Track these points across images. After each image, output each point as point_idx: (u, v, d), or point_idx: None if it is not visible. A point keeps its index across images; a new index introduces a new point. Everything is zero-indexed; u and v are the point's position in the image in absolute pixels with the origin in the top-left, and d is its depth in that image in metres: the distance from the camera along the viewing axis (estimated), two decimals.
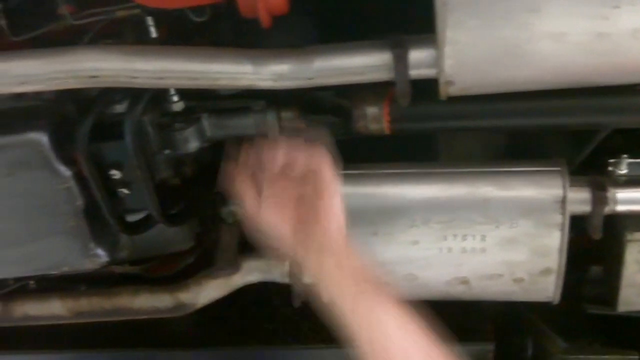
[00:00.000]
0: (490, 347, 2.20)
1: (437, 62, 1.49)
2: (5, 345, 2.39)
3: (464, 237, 1.77)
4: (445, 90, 1.53)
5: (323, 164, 1.37)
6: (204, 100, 1.77)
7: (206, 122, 1.79)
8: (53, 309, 2.12)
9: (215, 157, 1.87)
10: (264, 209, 1.37)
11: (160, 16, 1.67)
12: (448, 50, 1.46)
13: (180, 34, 1.70)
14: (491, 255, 1.78)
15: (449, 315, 1.88)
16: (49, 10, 1.65)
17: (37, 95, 1.67)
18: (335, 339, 1.29)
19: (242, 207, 1.41)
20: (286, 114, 1.76)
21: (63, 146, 1.67)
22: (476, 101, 1.63)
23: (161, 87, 1.63)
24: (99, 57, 1.54)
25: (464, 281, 1.82)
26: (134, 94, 1.67)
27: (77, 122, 1.67)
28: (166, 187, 1.86)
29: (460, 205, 1.75)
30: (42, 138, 1.64)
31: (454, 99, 1.55)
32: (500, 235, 1.76)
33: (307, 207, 1.35)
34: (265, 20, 1.50)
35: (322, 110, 1.76)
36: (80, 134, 1.65)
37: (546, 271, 1.78)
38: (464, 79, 1.51)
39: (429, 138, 2.05)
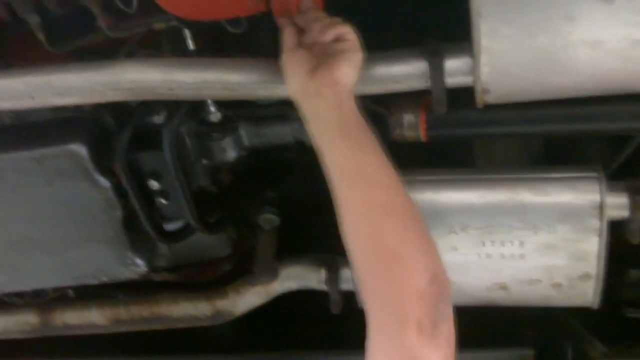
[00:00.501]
0: (530, 352, 2.21)
1: (473, 70, 1.53)
2: (42, 352, 2.42)
3: (503, 243, 1.79)
4: (482, 98, 1.57)
5: (349, 32, 1.47)
6: (241, 109, 1.81)
7: (243, 131, 1.83)
8: (92, 318, 2.16)
9: (252, 164, 1.91)
10: (292, 53, 1.48)
11: (197, 28, 1.71)
12: (484, 58, 1.50)
13: (218, 45, 1.74)
14: (530, 260, 1.79)
15: (489, 320, 1.93)
16: (87, 23, 1.69)
17: (76, 106, 1.71)
18: None
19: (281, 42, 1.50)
20: None
21: (102, 157, 1.72)
22: (512, 107, 1.65)
23: (199, 98, 1.68)
24: (137, 70, 1.58)
25: (503, 287, 1.83)
26: (172, 105, 1.71)
27: (115, 133, 1.73)
28: (204, 195, 1.89)
29: (499, 211, 1.76)
30: (81, 149, 1.70)
31: (491, 105, 1.59)
32: (539, 240, 1.77)
33: (325, 61, 1.43)
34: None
35: None
36: (118, 145, 1.70)
37: (585, 276, 1.79)
38: (500, 87, 1.54)
39: (466, 143, 2.08)
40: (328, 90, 1.40)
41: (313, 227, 2.11)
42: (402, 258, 1.29)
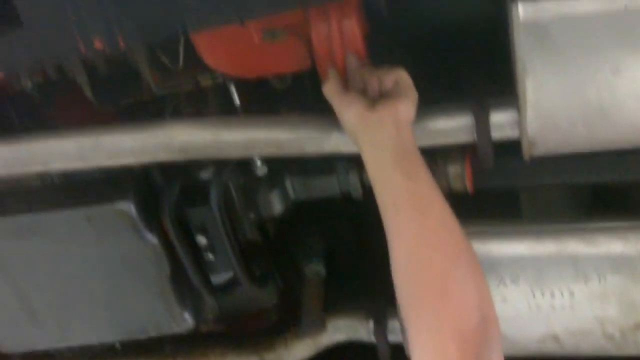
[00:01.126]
0: None
1: (519, 124, 1.56)
2: None
3: (553, 294, 1.79)
4: (529, 152, 1.59)
5: (404, 74, 1.51)
6: (287, 162, 1.83)
7: (290, 184, 1.86)
8: None
9: (298, 214, 1.95)
10: (345, 93, 1.52)
11: (243, 83, 1.76)
12: (530, 113, 1.52)
13: (263, 99, 1.79)
14: (581, 311, 1.78)
15: None
16: (134, 80, 1.76)
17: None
18: None
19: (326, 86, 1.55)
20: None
21: (150, 214, 1.75)
22: (560, 157, 1.66)
23: (248, 156, 1.72)
24: (187, 131, 1.62)
25: (555, 338, 1.83)
26: (219, 160, 1.74)
27: (163, 189, 1.77)
28: (250, 247, 1.92)
29: (548, 262, 1.76)
30: (129, 207, 1.73)
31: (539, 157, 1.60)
32: (590, 291, 1.76)
33: (384, 98, 1.48)
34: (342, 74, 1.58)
35: None
36: (166, 203, 1.74)
37: (638, 326, 1.79)
38: (547, 140, 1.56)
39: (512, 193, 2.08)
40: (389, 120, 1.43)
41: (360, 278, 2.13)
42: (449, 296, 1.29)
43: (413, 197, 1.36)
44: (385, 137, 1.42)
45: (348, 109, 1.49)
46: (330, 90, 1.53)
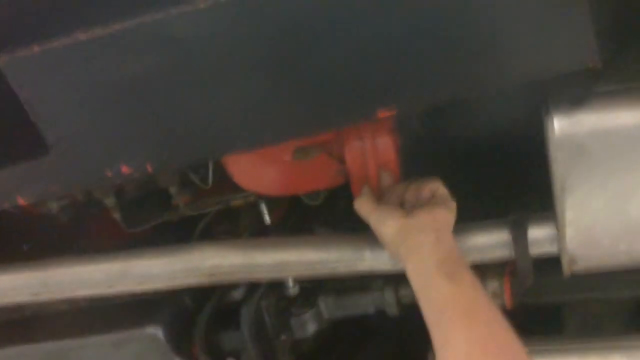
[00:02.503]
0: None
1: (559, 241, 1.56)
2: None
3: None
4: (569, 269, 1.58)
5: (440, 185, 1.54)
6: (320, 281, 1.85)
7: (323, 304, 1.86)
8: None
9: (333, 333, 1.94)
10: (381, 206, 1.54)
11: (275, 201, 1.78)
12: (570, 231, 1.52)
13: (295, 217, 1.82)
14: None
15: None
16: (163, 201, 1.78)
17: None
18: None
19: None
20: (405, 291, 1.82)
21: (180, 339, 1.76)
22: (603, 273, 1.65)
23: (279, 279, 1.73)
24: (217, 254, 1.64)
25: None
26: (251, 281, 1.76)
27: (194, 313, 1.78)
28: None
29: None
30: (158, 332, 1.74)
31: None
32: None
33: (422, 207, 1.50)
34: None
35: None
36: (198, 327, 1.75)
37: None
38: (588, 258, 1.56)
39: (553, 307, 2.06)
40: (429, 225, 1.45)
41: None
42: None
43: (459, 302, 1.35)
44: (426, 243, 1.43)
45: (385, 222, 1.50)
46: (364, 206, 1.55)
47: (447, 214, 1.49)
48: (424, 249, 1.44)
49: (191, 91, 1.34)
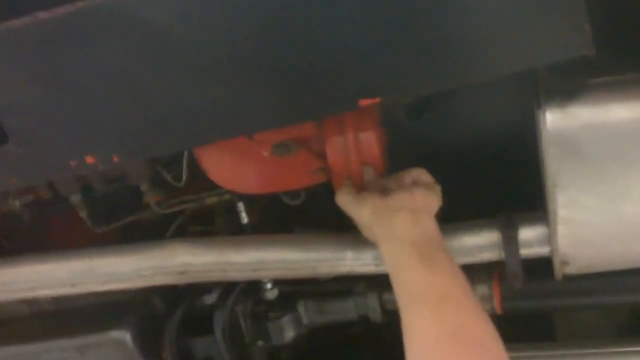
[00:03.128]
0: None
1: (550, 241, 1.51)
2: None
3: None
4: (561, 270, 1.54)
5: (423, 172, 1.50)
6: (300, 285, 1.80)
7: (303, 308, 1.82)
8: None
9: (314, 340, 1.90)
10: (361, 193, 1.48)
11: (252, 200, 1.73)
12: (562, 230, 1.48)
13: (274, 217, 1.77)
14: None
15: None
16: (134, 199, 1.72)
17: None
18: None
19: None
20: (389, 296, 1.77)
21: (149, 344, 1.71)
22: (596, 276, 1.60)
23: (255, 279, 1.67)
24: (187, 252, 1.58)
25: None
26: (225, 283, 1.72)
27: (164, 316, 1.72)
28: None
29: None
30: (126, 336, 1.69)
31: (572, 276, 1.56)
32: None
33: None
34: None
35: None
36: (168, 331, 1.70)
37: None
38: (581, 258, 1.52)
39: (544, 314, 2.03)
40: (407, 205, 1.40)
41: None
42: None
43: (432, 287, 1.30)
44: (401, 223, 1.39)
45: (362, 205, 1.45)
46: (344, 197, 1.49)
47: (428, 195, 1.44)
48: (399, 229, 1.39)
49: (159, 78, 1.28)
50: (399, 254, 1.37)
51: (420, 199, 1.42)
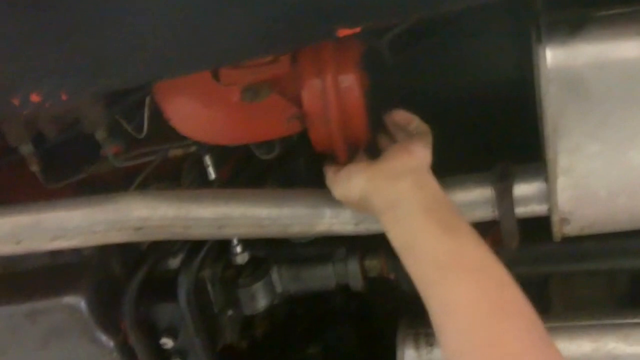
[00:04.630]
0: None
1: (549, 196, 1.43)
2: None
3: None
4: (560, 230, 1.46)
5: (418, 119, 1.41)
6: (273, 249, 1.73)
7: (276, 275, 1.74)
8: None
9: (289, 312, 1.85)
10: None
11: (222, 154, 1.64)
12: (562, 182, 1.39)
13: (246, 174, 1.68)
14: None
15: None
16: (91, 151, 1.63)
17: (76, 250, 1.61)
18: None
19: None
20: (371, 262, 1.71)
21: (106, 311, 1.62)
22: (596, 238, 1.53)
23: (221, 237, 1.57)
24: (144, 205, 1.47)
25: None
26: (191, 244, 1.63)
27: (122, 281, 1.63)
28: (231, 353, 1.80)
29: None
30: (79, 302, 1.59)
31: (571, 237, 1.48)
32: None
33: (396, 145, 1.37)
34: (342, 154, 1.45)
35: None
36: (126, 297, 1.60)
37: None
38: (583, 216, 1.44)
39: (539, 282, 1.98)
40: (406, 169, 1.30)
41: None
42: None
43: (465, 257, 1.19)
44: (405, 190, 1.27)
45: (351, 178, 1.35)
46: (331, 175, 1.42)
47: (425, 150, 1.34)
48: (405, 197, 1.27)
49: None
50: (412, 226, 1.24)
51: (420, 155, 1.32)
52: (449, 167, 1.49)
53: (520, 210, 1.47)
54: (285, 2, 1.17)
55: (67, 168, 1.65)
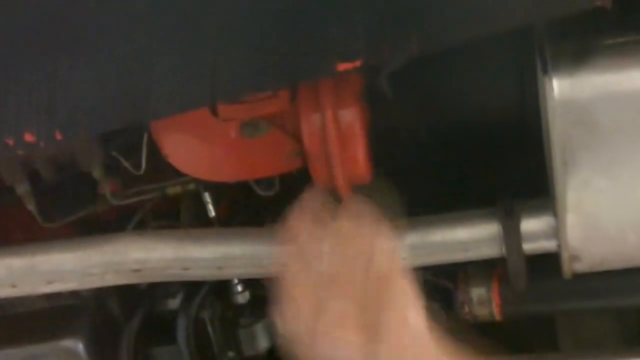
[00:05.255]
0: None
1: (558, 233, 1.38)
2: None
3: None
4: (570, 268, 1.41)
5: (391, 263, 1.13)
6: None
7: None
8: None
9: None
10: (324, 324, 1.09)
11: (221, 191, 1.63)
12: (572, 218, 1.34)
13: (246, 211, 1.67)
14: None
15: None
16: (89, 190, 1.61)
17: (74, 291, 1.60)
18: None
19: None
20: None
21: (104, 353, 1.61)
22: (604, 275, 1.48)
23: (222, 278, 1.56)
24: (141, 246, 1.45)
25: None
26: (189, 285, 1.62)
27: (121, 322, 1.63)
28: None
29: None
30: (77, 345, 1.57)
31: (580, 275, 1.44)
32: None
33: (372, 320, 1.09)
34: (344, 191, 1.41)
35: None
36: (125, 340, 1.60)
37: None
38: (594, 253, 1.39)
39: (546, 319, 1.93)
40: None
41: None
42: None
43: None
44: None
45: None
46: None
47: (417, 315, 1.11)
48: None
49: (105, 38, 1.18)
50: None
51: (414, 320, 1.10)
52: (450, 203, 1.49)
53: (528, 247, 1.43)
54: (283, 37, 1.15)
55: (64, 207, 1.62)
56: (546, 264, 1.46)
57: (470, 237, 1.44)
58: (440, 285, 1.64)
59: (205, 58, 1.17)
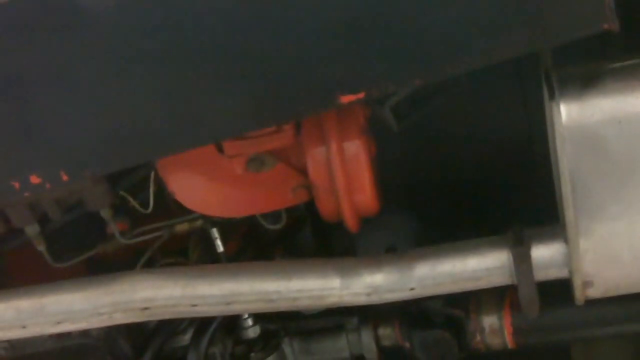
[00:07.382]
0: None
1: (570, 259, 1.32)
2: None
3: None
4: (583, 294, 1.35)
5: None
6: (285, 321, 1.66)
7: (289, 348, 1.69)
8: None
9: None
10: None
11: (228, 226, 1.58)
12: (584, 244, 1.28)
13: (253, 246, 1.63)
14: None
15: None
16: (97, 230, 1.58)
17: (84, 331, 1.54)
18: None
19: None
20: (384, 331, 1.63)
21: None
22: (618, 300, 1.41)
23: (230, 313, 1.50)
24: (149, 285, 1.41)
25: None
26: (199, 321, 1.57)
27: None
28: None
29: None
30: None
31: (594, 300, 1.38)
32: None
33: None
34: (352, 224, 1.39)
35: (429, 324, 1.60)
36: None
37: None
38: (606, 278, 1.34)
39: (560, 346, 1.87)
40: None
41: None
42: None
43: None
44: None
45: None
46: None
47: None
48: None
49: (108, 79, 1.15)
50: None
51: None
52: (457, 232, 1.43)
53: (539, 275, 1.37)
54: (285, 72, 1.12)
55: (74, 247, 1.59)
56: (558, 290, 1.40)
57: (480, 266, 1.39)
58: (452, 315, 1.59)
59: (209, 90, 1.14)
